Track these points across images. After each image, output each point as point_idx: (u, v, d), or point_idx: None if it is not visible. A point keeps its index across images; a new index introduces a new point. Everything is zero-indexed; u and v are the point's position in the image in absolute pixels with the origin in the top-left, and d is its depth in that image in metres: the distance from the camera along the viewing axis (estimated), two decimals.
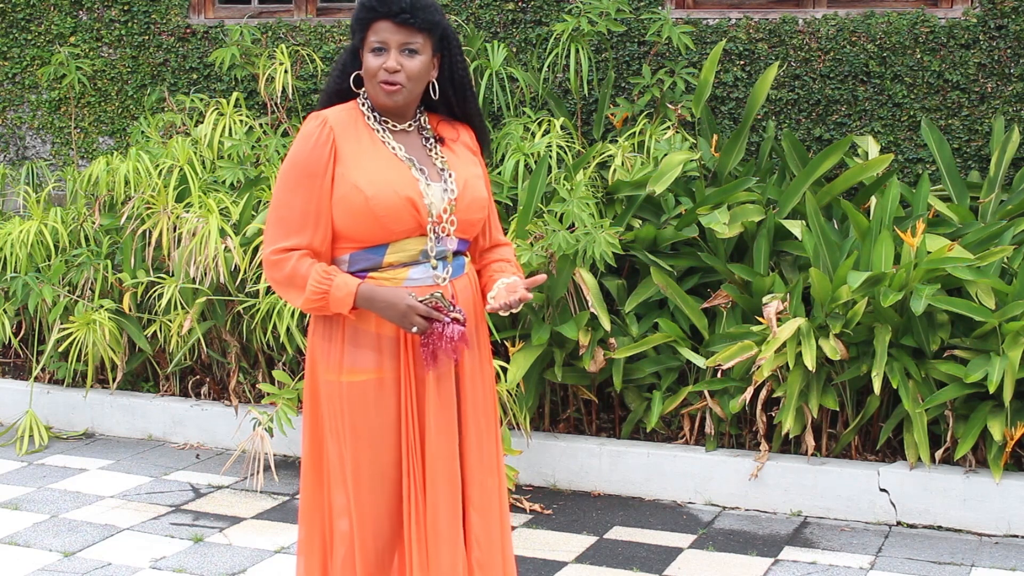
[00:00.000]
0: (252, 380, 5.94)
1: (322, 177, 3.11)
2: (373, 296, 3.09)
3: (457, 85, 3.26)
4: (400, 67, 3.11)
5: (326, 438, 3.24)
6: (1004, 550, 4.63)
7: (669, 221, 5.40)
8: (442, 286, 3.18)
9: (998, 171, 5.41)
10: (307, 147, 3.13)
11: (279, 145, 6.00)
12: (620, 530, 4.87)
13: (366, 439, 3.17)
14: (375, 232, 3.12)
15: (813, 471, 4.98)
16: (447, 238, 3.19)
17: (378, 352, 3.16)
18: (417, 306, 3.07)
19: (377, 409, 3.17)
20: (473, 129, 3.34)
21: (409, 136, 3.23)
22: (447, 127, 3.31)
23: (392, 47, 3.11)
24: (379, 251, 3.15)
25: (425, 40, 3.14)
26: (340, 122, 3.17)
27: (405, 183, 3.12)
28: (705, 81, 5.54)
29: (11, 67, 7.33)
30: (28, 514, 5.07)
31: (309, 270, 3.09)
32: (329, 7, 6.79)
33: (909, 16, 5.76)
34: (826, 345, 4.81)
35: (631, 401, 5.41)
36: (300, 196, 3.12)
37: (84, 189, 6.31)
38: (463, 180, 3.21)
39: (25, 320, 6.40)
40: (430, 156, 3.22)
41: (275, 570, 4.52)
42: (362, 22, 3.15)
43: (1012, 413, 4.77)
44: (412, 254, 3.16)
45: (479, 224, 3.28)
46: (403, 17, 3.09)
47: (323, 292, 3.09)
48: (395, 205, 3.09)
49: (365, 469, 3.18)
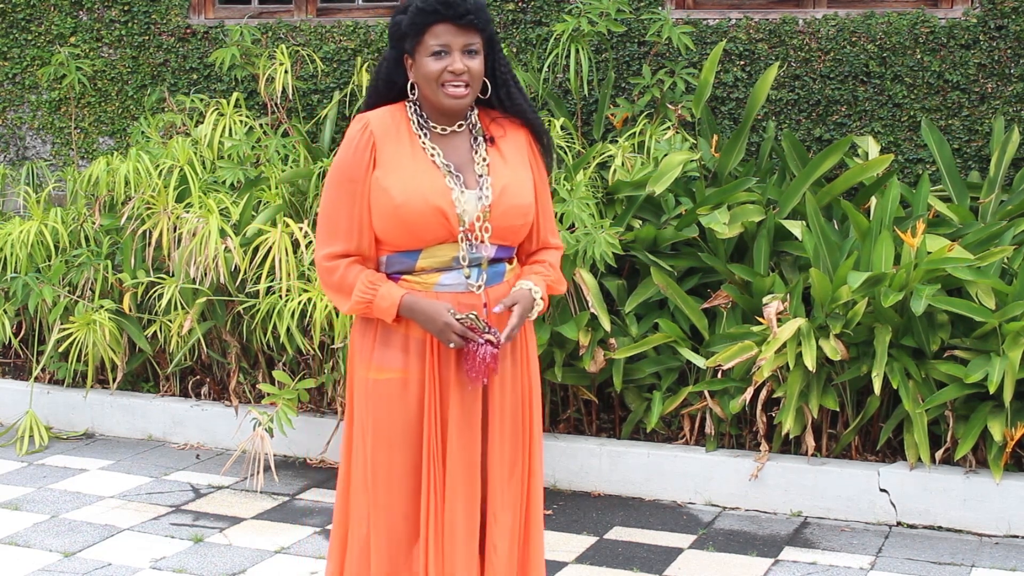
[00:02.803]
0: (252, 380, 5.94)
1: (362, 182, 3.14)
2: (414, 309, 3.12)
3: (500, 81, 3.23)
4: (466, 68, 3.11)
5: (356, 435, 3.26)
6: (1004, 550, 4.63)
7: (669, 221, 5.40)
8: (476, 293, 3.17)
9: (998, 171, 5.41)
10: (349, 152, 3.17)
11: (279, 145, 6.00)
12: (620, 530, 4.87)
13: (385, 438, 3.19)
14: (406, 238, 3.14)
15: (813, 471, 4.98)
16: (481, 245, 3.16)
17: (405, 352, 3.18)
18: (453, 324, 3.08)
19: (400, 408, 3.18)
20: (528, 126, 3.30)
21: (457, 137, 3.21)
22: (499, 125, 3.26)
23: (455, 49, 3.10)
24: (412, 256, 3.17)
25: (481, 40, 3.14)
26: (382, 125, 3.17)
27: (437, 191, 3.11)
28: (705, 81, 5.54)
29: (11, 67, 7.33)
30: (28, 514, 5.07)
31: (356, 279, 3.15)
32: (329, 7, 6.79)
33: (909, 16, 5.76)
34: (826, 345, 4.80)
35: (631, 401, 5.41)
36: (344, 201, 3.16)
37: (84, 189, 6.31)
38: (500, 186, 3.17)
39: (25, 320, 6.39)
40: (473, 159, 3.20)
41: (275, 570, 4.52)
42: (419, 26, 3.11)
43: (1012, 413, 4.77)
44: (444, 260, 3.16)
45: (520, 231, 3.23)
46: (468, 19, 3.09)
47: (367, 302, 3.14)
48: (424, 214, 3.09)
49: (382, 468, 3.20)
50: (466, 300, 3.18)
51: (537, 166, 3.30)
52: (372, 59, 6.51)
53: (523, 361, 3.30)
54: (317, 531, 4.88)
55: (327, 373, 5.51)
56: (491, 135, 3.24)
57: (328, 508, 5.11)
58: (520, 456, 3.30)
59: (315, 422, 5.68)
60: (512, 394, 3.27)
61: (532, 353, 3.35)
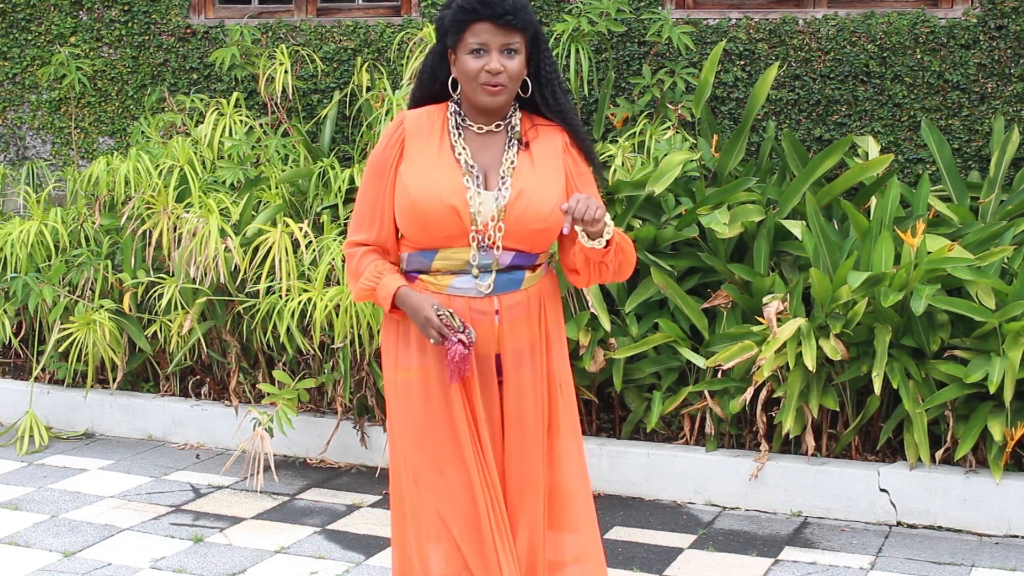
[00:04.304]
0: (252, 380, 5.94)
1: (387, 176, 3.20)
2: (404, 301, 3.15)
3: (544, 82, 3.23)
4: (503, 68, 3.11)
5: (394, 436, 3.28)
6: (1004, 550, 4.63)
7: (669, 221, 5.40)
8: (487, 298, 3.16)
9: (998, 171, 5.41)
10: (381, 146, 3.23)
11: (279, 145, 6.00)
12: (620, 530, 4.87)
13: (411, 436, 3.19)
14: (422, 235, 3.16)
15: (813, 471, 4.98)
16: (492, 248, 3.15)
17: (422, 351, 3.20)
18: (432, 319, 3.09)
19: (423, 406, 3.18)
20: (567, 128, 3.27)
21: (492, 137, 3.21)
22: (537, 129, 3.25)
23: (493, 48, 3.11)
24: (429, 256, 3.18)
25: (522, 40, 3.14)
26: (416, 123, 3.20)
27: (452, 190, 3.12)
28: (705, 81, 5.54)
29: (11, 67, 7.33)
30: (28, 514, 5.07)
31: (367, 267, 3.21)
32: (329, 7, 6.79)
33: (909, 16, 5.76)
34: (826, 345, 4.80)
35: (631, 401, 5.41)
36: (371, 193, 3.23)
37: (84, 189, 6.31)
38: (519, 189, 3.15)
39: (25, 320, 6.39)
40: (501, 161, 3.19)
41: (275, 570, 4.52)
42: (459, 24, 3.12)
43: (1012, 413, 4.77)
44: (458, 263, 3.16)
45: (537, 237, 3.18)
46: (507, 19, 3.08)
47: (370, 289, 3.20)
48: (436, 211, 3.11)
49: (414, 466, 3.19)
50: (478, 306, 3.17)
51: (577, 172, 3.27)
52: (372, 59, 6.52)
53: (541, 370, 3.25)
54: (317, 531, 4.88)
55: (327, 373, 5.51)
56: (527, 139, 3.22)
57: (327, 508, 5.12)
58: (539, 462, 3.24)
59: (315, 422, 5.68)
60: (533, 401, 3.22)
61: (554, 360, 3.28)
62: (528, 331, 3.22)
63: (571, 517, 3.31)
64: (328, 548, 4.70)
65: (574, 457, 3.32)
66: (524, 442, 3.23)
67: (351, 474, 5.53)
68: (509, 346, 3.20)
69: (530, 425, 3.23)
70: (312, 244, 5.51)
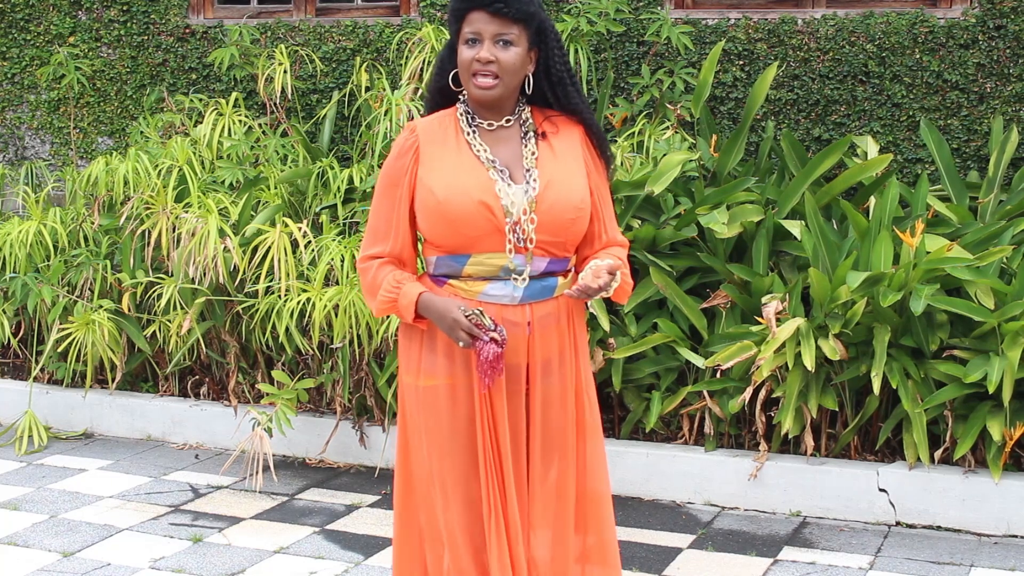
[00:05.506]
0: (251, 380, 5.94)
1: (403, 186, 3.12)
2: (428, 307, 3.08)
3: (555, 80, 3.15)
4: (494, 58, 3.03)
5: (410, 438, 3.24)
6: (1003, 550, 4.63)
7: (668, 221, 5.40)
8: (520, 306, 3.10)
9: (997, 171, 5.41)
10: (393, 157, 3.16)
11: (278, 145, 6.00)
12: (619, 530, 4.86)
13: (436, 444, 3.14)
14: (453, 238, 3.07)
15: (812, 471, 4.98)
16: (527, 251, 3.07)
17: (450, 359, 3.13)
18: (461, 320, 3.01)
19: (450, 415, 3.13)
20: (583, 124, 3.21)
21: (506, 133, 3.15)
22: (552, 123, 3.19)
23: (486, 38, 3.04)
24: (460, 260, 3.10)
25: (520, 32, 3.06)
26: (429, 129, 3.14)
27: (481, 186, 3.05)
28: (704, 81, 5.54)
29: (10, 67, 7.33)
30: (27, 514, 5.07)
31: (384, 278, 3.13)
32: (329, 7, 6.79)
33: (908, 16, 5.76)
34: (825, 345, 4.81)
35: (630, 401, 5.41)
36: (385, 205, 3.16)
37: (83, 189, 6.31)
38: (547, 179, 3.09)
39: (24, 320, 6.39)
40: (521, 155, 3.12)
41: (274, 570, 4.52)
42: (457, 13, 3.08)
43: (1011, 413, 4.77)
44: (492, 269, 3.09)
45: (569, 228, 3.12)
46: (497, 7, 3.02)
47: (391, 300, 3.13)
48: (467, 208, 3.03)
49: (437, 474, 3.16)
50: (511, 316, 3.10)
51: (594, 165, 3.21)
52: (371, 59, 6.52)
53: (569, 379, 3.21)
54: (316, 531, 4.88)
55: (326, 373, 5.51)
56: (543, 131, 3.16)
57: (326, 508, 5.12)
58: (569, 472, 3.22)
59: (314, 422, 5.68)
60: (561, 411, 3.19)
61: (580, 370, 3.25)
62: (558, 340, 3.18)
63: (597, 520, 3.32)
64: (327, 548, 4.70)
65: (600, 461, 3.31)
66: (550, 450, 3.19)
67: (350, 474, 5.53)
68: (539, 356, 3.15)
69: (556, 433, 3.19)
70: (311, 244, 5.51)
